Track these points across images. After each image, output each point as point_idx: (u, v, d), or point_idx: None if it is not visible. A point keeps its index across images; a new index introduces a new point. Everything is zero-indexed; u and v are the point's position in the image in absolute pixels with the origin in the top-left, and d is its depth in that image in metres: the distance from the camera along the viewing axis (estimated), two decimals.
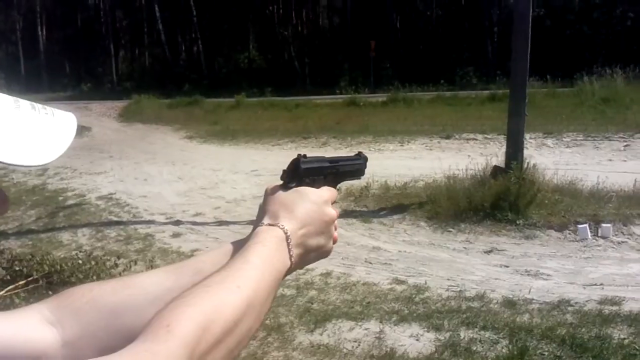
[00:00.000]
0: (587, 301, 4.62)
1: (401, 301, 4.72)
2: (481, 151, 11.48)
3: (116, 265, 4.83)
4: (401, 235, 6.82)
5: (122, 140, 16.80)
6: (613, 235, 6.38)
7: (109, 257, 5.11)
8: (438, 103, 19.96)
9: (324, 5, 44.30)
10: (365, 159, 1.05)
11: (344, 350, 3.93)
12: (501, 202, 7.15)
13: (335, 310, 4.52)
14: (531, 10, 7.99)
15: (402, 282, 5.17)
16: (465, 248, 6.34)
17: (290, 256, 0.80)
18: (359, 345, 4.02)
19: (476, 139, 13.51)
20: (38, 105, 0.73)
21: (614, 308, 4.43)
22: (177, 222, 7.66)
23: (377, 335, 4.12)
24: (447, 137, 13.74)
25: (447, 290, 4.98)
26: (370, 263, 5.84)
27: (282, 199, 0.86)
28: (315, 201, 0.87)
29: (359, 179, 1.08)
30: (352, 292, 4.97)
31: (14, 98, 0.71)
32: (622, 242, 6.25)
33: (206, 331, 0.62)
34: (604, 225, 6.54)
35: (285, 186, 0.89)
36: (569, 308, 4.50)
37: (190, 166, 12.31)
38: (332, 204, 0.92)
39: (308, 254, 0.86)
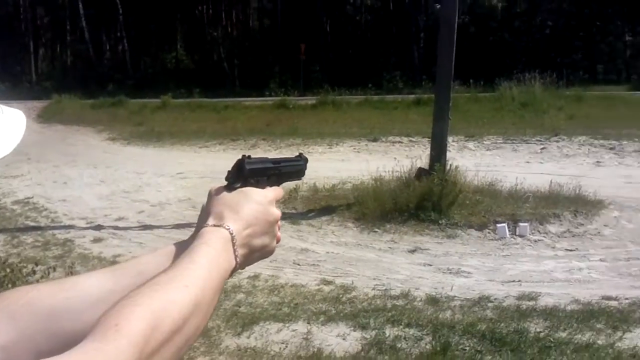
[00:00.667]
0: (505, 297, 4.81)
1: (328, 301, 4.76)
2: (407, 154, 11.75)
3: (34, 272, 4.62)
4: (329, 236, 6.88)
5: (41, 142, 16.06)
6: (530, 234, 6.67)
7: (25, 264, 4.88)
8: (366, 106, 20.26)
9: (255, 7, 44.09)
10: (306, 160, 1.07)
11: (272, 352, 3.92)
12: (425, 203, 7.33)
13: (263, 313, 4.50)
14: (457, 17, 8.23)
15: (329, 282, 5.22)
16: (390, 248, 6.47)
17: (236, 256, 0.81)
18: (287, 346, 4.02)
19: (402, 142, 13.82)
20: None
21: (531, 303, 4.64)
22: (99, 227, 7.41)
23: (305, 336, 4.13)
24: (375, 140, 13.99)
25: (373, 289, 5.06)
26: (299, 265, 5.86)
27: (227, 200, 0.86)
28: (260, 201, 0.88)
29: (300, 179, 1.09)
30: (280, 294, 4.97)
31: None
32: (539, 240, 6.55)
33: (155, 330, 0.62)
34: (521, 224, 6.82)
35: (230, 187, 0.89)
36: (489, 304, 4.67)
37: (113, 169, 11.95)
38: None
39: (252, 254, 0.86)
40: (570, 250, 6.19)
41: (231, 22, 41.97)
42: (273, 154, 13.96)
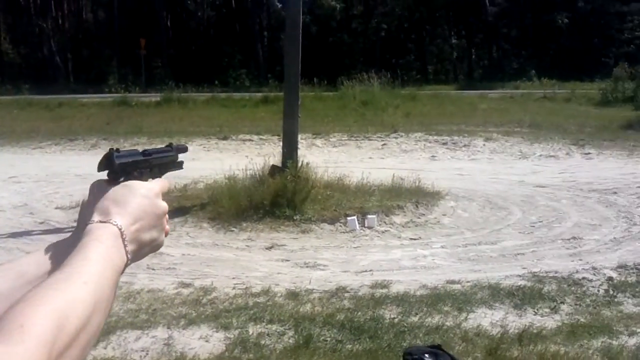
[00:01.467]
0: (360, 287, 5.04)
1: (188, 304, 4.66)
2: (258, 151, 11.84)
3: None
4: (184, 238, 6.72)
5: None
6: (378, 225, 7.04)
7: None
8: (213, 104, 20.07)
9: None
10: (179, 149, 1.04)
11: None
12: (279, 200, 7.44)
13: (119, 321, 4.29)
14: (301, 17, 8.42)
15: (187, 285, 5.11)
16: (247, 246, 6.48)
17: (126, 252, 0.79)
18: (147, 354, 3.88)
19: (252, 140, 13.88)
20: None
21: (384, 291, 4.91)
22: None
23: (166, 341, 4.01)
24: (225, 138, 13.89)
25: (234, 288, 5.05)
26: (153, 269, 5.66)
27: (112, 195, 0.83)
28: (146, 195, 0.85)
29: (181, 169, 1.06)
30: (137, 301, 4.77)
31: None
32: (385, 231, 6.94)
33: (61, 329, 0.61)
34: (369, 216, 7.18)
35: (113, 181, 0.86)
36: (346, 294, 4.86)
37: None
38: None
39: (142, 248, 0.85)
40: (415, 239, 6.64)
41: (62, 13, 39.22)
42: None
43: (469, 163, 11.31)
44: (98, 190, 0.85)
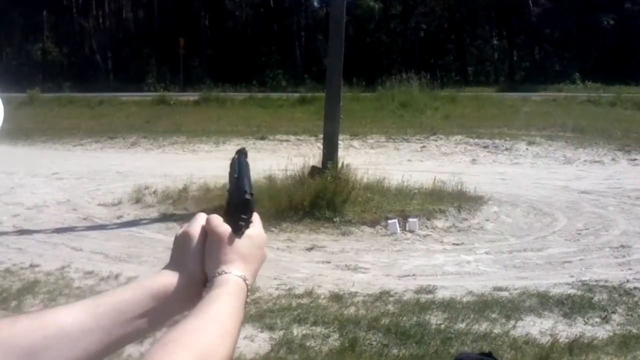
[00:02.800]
0: (404, 291, 4.97)
1: None
2: (295, 152, 11.83)
3: None
4: None
5: None
6: (419, 229, 6.95)
7: None
8: (251, 104, 20.17)
9: None
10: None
11: None
12: (319, 201, 7.41)
13: None
14: (345, 18, 8.38)
15: None
16: (288, 247, 6.46)
17: (246, 303, 0.82)
18: None
19: (289, 140, 13.91)
20: None
21: (429, 296, 4.83)
22: None
23: None
24: (262, 138, 13.95)
25: (277, 289, 5.03)
26: None
27: (240, 249, 0.85)
28: (262, 245, 0.89)
29: None
30: None
31: None
32: (427, 235, 6.84)
33: None
34: (410, 220, 7.09)
35: (238, 232, 0.86)
36: (390, 298, 4.80)
37: None
38: None
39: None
40: (457, 245, 6.53)
41: (103, 13, 39.96)
42: (155, 153, 13.50)
43: (512, 167, 11.11)
44: (220, 237, 0.84)
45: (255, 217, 0.90)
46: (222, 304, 0.76)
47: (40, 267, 5.62)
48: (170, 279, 0.82)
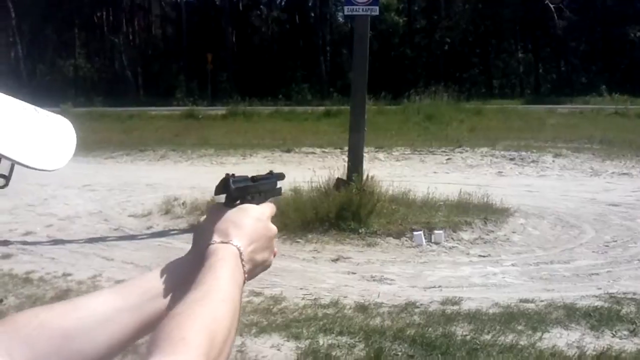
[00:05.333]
0: (430, 302, 4.99)
1: (259, 313, 4.73)
2: (321, 164, 11.90)
3: None
4: None
5: None
6: (445, 241, 6.95)
7: None
8: (277, 118, 20.37)
9: (157, 14, 43.12)
10: (278, 177, 1.07)
11: None
12: (344, 213, 7.46)
13: None
14: (369, 33, 8.47)
15: (258, 294, 5.18)
16: (314, 257, 6.52)
17: (244, 271, 0.84)
18: None
19: (315, 153, 14.00)
20: (38, 108, 0.73)
21: (455, 308, 4.84)
22: (6, 242, 6.95)
23: (239, 348, 4.08)
24: (288, 151, 14.08)
25: (303, 299, 5.09)
26: None
27: (231, 217, 0.88)
28: (260, 218, 0.91)
29: (280, 195, 1.10)
30: None
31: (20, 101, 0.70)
32: (453, 247, 6.84)
33: (213, 342, 0.68)
34: (436, 231, 7.10)
35: (229, 205, 0.92)
36: (415, 309, 4.82)
37: (13, 181, 11.20)
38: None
39: (255, 268, 0.90)
40: (484, 256, 6.51)
41: (133, 29, 40.82)
42: (184, 165, 13.72)
43: (538, 179, 11.03)
44: (216, 213, 0.90)
45: (267, 204, 0.96)
46: (217, 271, 0.78)
47: (73, 276, 5.77)
48: (187, 257, 0.89)
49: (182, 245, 7.00)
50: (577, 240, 7.04)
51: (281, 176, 1.09)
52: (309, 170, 9.27)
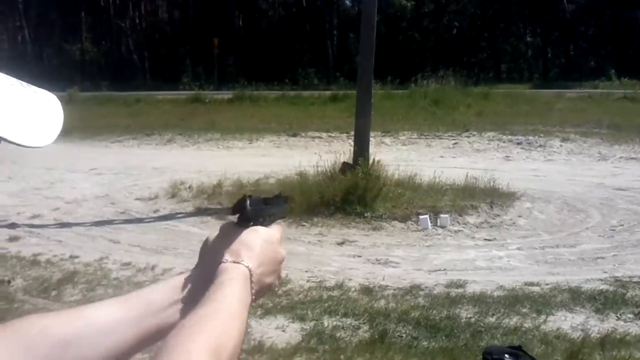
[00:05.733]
0: (435, 285, 5.00)
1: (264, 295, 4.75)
2: (327, 149, 11.88)
3: None
4: None
5: None
6: (450, 225, 6.95)
7: None
8: (283, 102, 20.32)
9: None
10: (286, 200, 1.05)
11: None
12: (350, 197, 7.47)
13: None
14: (376, 17, 8.41)
15: None
16: (319, 241, 6.54)
17: (252, 293, 0.84)
18: None
19: (321, 137, 13.97)
20: (24, 83, 0.72)
21: (459, 290, 4.85)
22: (13, 225, 7.00)
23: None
24: (294, 135, 14.06)
25: (308, 281, 5.12)
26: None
27: (243, 239, 0.88)
28: (271, 241, 0.91)
29: (285, 217, 1.08)
30: None
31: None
32: (459, 230, 6.84)
33: (219, 356, 0.68)
34: (442, 215, 7.10)
35: (243, 225, 0.91)
36: (420, 292, 4.84)
37: (20, 165, 11.29)
38: None
39: (261, 290, 0.90)
40: (489, 240, 6.51)
41: (140, 13, 40.66)
42: (191, 149, 13.73)
43: (545, 164, 10.98)
44: (228, 232, 0.91)
45: (278, 228, 0.95)
46: (227, 289, 0.79)
47: (80, 258, 5.81)
48: (192, 274, 0.89)
49: (188, 228, 7.04)
50: (584, 224, 7.02)
51: (289, 199, 1.09)
52: (315, 154, 9.27)
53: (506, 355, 3.35)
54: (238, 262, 0.84)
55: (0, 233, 6.67)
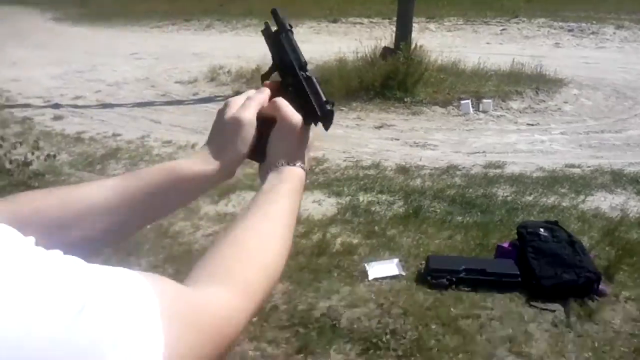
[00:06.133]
0: (472, 166, 4.96)
1: None
2: (368, 35, 11.54)
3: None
4: None
5: None
6: (493, 110, 6.80)
7: None
8: None
9: None
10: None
11: None
12: (390, 81, 7.32)
13: (238, 183, 4.51)
14: None
15: None
16: (357, 125, 6.50)
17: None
18: None
19: (362, 23, 13.55)
20: None
21: (497, 171, 4.81)
22: (57, 106, 7.15)
23: None
24: (334, 21, 13.66)
25: (345, 161, 5.14)
26: None
27: (300, 142, 0.85)
28: (310, 148, 0.89)
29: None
30: (255, 166, 4.97)
31: None
32: (501, 115, 6.69)
33: (271, 276, 0.66)
34: (484, 100, 6.93)
35: (309, 124, 0.88)
36: (457, 172, 4.82)
37: (63, 49, 11.40)
38: None
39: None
40: (532, 125, 6.36)
41: None
42: (229, 35, 13.54)
43: (597, 51, 10.46)
44: (296, 132, 0.83)
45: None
46: (288, 202, 0.75)
47: (122, 136, 5.94)
48: (202, 167, 0.79)
49: None
50: (632, 111, 6.77)
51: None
52: (356, 40, 9.01)
53: (541, 229, 3.35)
54: (304, 169, 0.83)
55: (45, 112, 6.85)
